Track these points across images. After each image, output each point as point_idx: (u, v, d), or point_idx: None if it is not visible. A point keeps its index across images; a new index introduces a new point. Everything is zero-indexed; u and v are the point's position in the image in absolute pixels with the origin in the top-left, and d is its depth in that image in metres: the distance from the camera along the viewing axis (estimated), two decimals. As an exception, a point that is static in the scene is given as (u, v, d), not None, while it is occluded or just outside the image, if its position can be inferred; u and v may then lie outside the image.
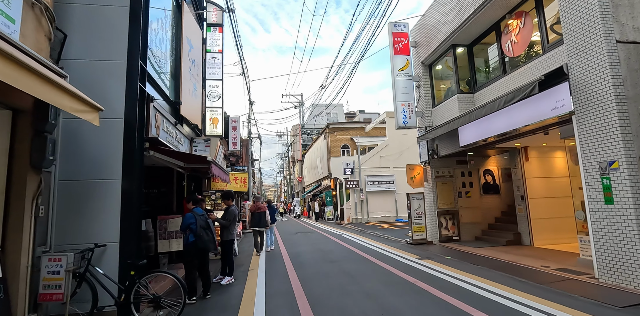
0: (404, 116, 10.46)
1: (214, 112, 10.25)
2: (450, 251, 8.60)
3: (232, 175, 10.21)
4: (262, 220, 9.11)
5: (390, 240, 11.47)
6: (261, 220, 9.11)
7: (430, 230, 10.22)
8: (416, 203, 10.19)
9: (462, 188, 10.39)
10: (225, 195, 6.54)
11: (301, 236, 13.89)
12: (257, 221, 9.14)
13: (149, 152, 5.27)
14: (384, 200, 21.14)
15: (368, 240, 11.72)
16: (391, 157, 21.83)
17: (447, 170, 10.35)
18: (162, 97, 6.37)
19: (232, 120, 17.03)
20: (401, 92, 10.58)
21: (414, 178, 10.46)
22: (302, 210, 34.31)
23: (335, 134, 26.30)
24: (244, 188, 10.24)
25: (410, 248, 9.34)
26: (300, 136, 38.17)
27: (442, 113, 9.91)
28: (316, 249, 9.84)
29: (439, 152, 10.13)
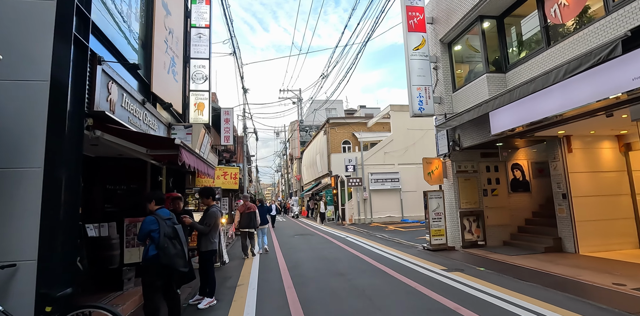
0: (419, 102, 9.04)
1: (199, 96, 8.80)
2: (479, 260, 7.19)
3: (221, 169, 8.78)
4: (252, 221, 8.60)
5: (402, 245, 10.06)
6: (251, 221, 8.59)
7: (451, 234, 8.81)
8: (435, 203, 8.77)
9: (487, 185, 8.98)
10: (204, 192, 5.09)
11: (300, 239, 12.45)
12: (247, 222, 8.60)
13: (95, 132, 3.82)
14: (389, 199, 19.74)
15: (377, 244, 10.30)
16: (396, 153, 20.43)
17: (471, 164, 8.94)
18: (124, 65, 4.92)
19: (225, 111, 15.57)
20: (416, 74, 9.15)
21: (431, 173, 9.05)
22: (301, 210, 32.88)
23: (336, 129, 24.86)
24: (234, 185, 8.81)
25: (430, 256, 7.93)
26: (299, 132, 36.70)
27: (466, 97, 8.49)
28: (318, 256, 8.41)
29: (462, 143, 8.72)
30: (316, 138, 28.40)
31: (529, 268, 6.17)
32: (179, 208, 5.43)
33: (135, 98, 5.13)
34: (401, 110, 20.98)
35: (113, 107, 4.31)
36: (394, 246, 9.66)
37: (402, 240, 11.08)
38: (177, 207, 5.40)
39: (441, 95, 9.35)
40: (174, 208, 5.37)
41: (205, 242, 4.85)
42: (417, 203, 19.92)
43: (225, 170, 8.78)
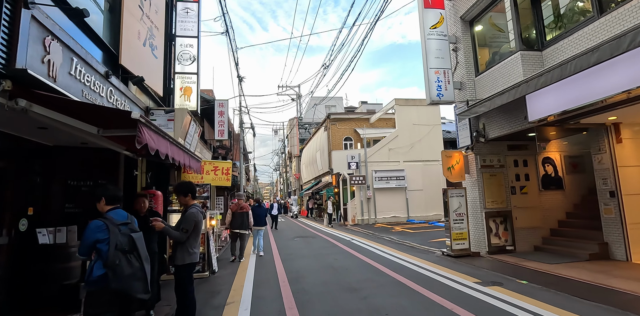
0: (438, 87, 7.93)
1: (186, 80, 7.67)
2: (514, 269, 6.08)
3: (211, 164, 7.63)
4: (244, 222, 8.11)
5: (416, 249, 8.95)
6: (243, 222, 8.11)
7: (475, 238, 7.70)
8: (456, 202, 7.66)
9: (515, 181, 7.87)
10: (180, 189, 3.94)
11: (301, 242, 11.33)
12: (239, 222, 8.10)
13: (17, 101, 2.69)
14: (394, 198, 18.64)
15: (387, 248, 9.19)
16: (401, 150, 19.33)
17: (497, 158, 7.83)
18: (76, 23, 3.78)
19: (219, 103, 14.44)
20: (434, 56, 8.04)
21: (451, 168, 7.93)
22: (300, 210, 31.76)
23: (337, 125, 23.74)
24: (226, 181, 7.67)
25: (453, 263, 6.83)
26: (298, 130, 35.58)
27: (493, 80, 7.38)
28: (323, 264, 7.28)
29: (487, 133, 7.61)
30: (316, 135, 27.27)
31: (581, 281, 5.06)
32: (142, 209, 4.30)
33: (94, 68, 3.99)
34: (406, 105, 19.90)
35: (54, 73, 3.17)
36: (407, 251, 8.55)
37: (414, 243, 9.97)
38: (140, 207, 4.27)
39: (462, 79, 8.24)
40: (137, 208, 4.25)
41: (182, 253, 3.71)
42: (423, 203, 18.86)
43: (216, 165, 7.64)
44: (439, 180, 19.37)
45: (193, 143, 7.39)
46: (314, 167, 27.93)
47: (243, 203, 8.43)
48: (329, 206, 17.80)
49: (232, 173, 21.37)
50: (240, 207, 8.27)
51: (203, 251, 6.83)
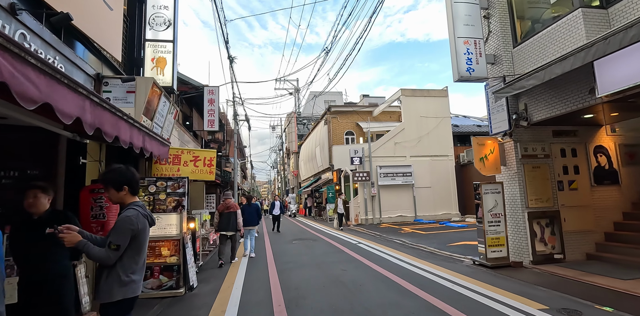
0: (467, 60, 6.51)
1: (159, 49, 6.21)
2: (579, 287, 4.68)
3: (190, 152, 6.16)
4: (231, 222, 7.52)
5: (436, 255, 7.55)
6: (230, 222, 7.51)
7: (516, 244, 6.29)
8: (491, 200, 6.25)
9: (563, 175, 6.46)
10: (109, 178, 2.42)
11: (300, 246, 9.90)
12: (226, 223, 7.51)
13: None
14: (400, 196, 17.24)
15: (402, 254, 7.77)
16: (408, 144, 17.92)
17: (540, 146, 6.41)
18: None
19: (209, 90, 12.97)
20: (462, 22, 6.64)
21: (484, 159, 6.51)
22: (298, 208, 30.35)
23: (338, 119, 22.29)
24: (209, 174, 6.24)
25: (494, 277, 5.42)
26: (296, 125, 34.11)
27: (540, 49, 5.95)
28: (329, 277, 5.85)
29: (530, 115, 6.19)
30: (316, 130, 25.82)
31: (690, 308, 3.67)
32: (33, 208, 2.80)
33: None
34: (413, 95, 18.48)
35: None
36: (428, 259, 7.14)
37: (431, 247, 8.58)
38: (30, 206, 2.79)
39: (495, 52, 6.81)
40: (26, 207, 2.80)
41: (110, 284, 2.24)
42: (432, 201, 17.48)
43: (197, 154, 6.18)
44: (448, 176, 18.02)
45: (167, 126, 5.94)
46: (313, 164, 26.49)
47: (230, 202, 7.71)
48: (339, 204, 14.98)
49: (225, 169, 19.84)
50: (227, 206, 7.62)
51: (178, 262, 5.41)
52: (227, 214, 7.52)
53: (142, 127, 3.34)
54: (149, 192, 5.48)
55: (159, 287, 5.25)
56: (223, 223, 7.51)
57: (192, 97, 13.72)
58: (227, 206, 7.59)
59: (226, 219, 7.48)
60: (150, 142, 3.60)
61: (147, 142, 3.46)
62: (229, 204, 7.61)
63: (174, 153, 6.04)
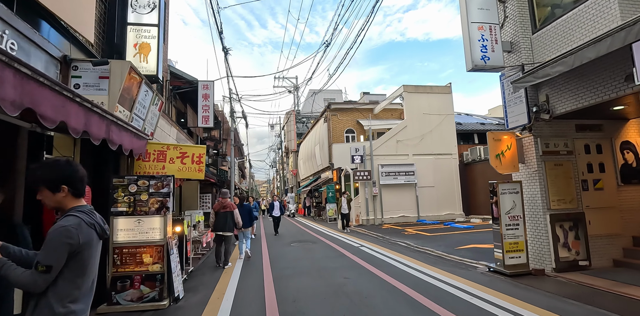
0: (482, 48, 5.94)
1: (142, 34, 5.62)
2: (616, 301, 4.11)
3: (176, 148, 5.55)
4: (227, 222, 7.21)
5: (446, 260, 6.98)
6: (227, 222, 7.20)
7: (536, 249, 5.72)
8: (509, 200, 5.67)
9: (587, 173, 5.89)
10: (42, 173, 1.80)
11: (299, 249, 9.31)
12: (222, 223, 7.19)
13: None
14: (402, 196, 16.67)
15: (408, 259, 7.20)
16: (410, 142, 17.34)
17: (563, 142, 5.84)
18: None
19: (204, 85, 12.38)
20: (476, 6, 6.08)
21: (501, 156, 5.93)
22: (297, 208, 29.80)
23: (338, 116, 21.70)
24: (197, 173, 5.64)
25: (515, 288, 4.85)
26: (295, 123, 33.51)
27: (565, 33, 5.37)
28: (332, 288, 5.27)
29: (553, 107, 5.61)
30: (315, 128, 25.23)
31: None
32: None
33: None
34: (416, 92, 17.90)
35: None
36: (437, 264, 6.56)
37: (439, 251, 8.01)
38: None
39: (512, 39, 6.23)
40: None
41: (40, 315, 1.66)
42: (435, 201, 16.91)
43: (184, 150, 5.58)
44: (452, 175, 17.45)
45: (151, 119, 5.34)
46: (312, 162, 25.92)
47: (227, 201, 7.39)
48: (342, 204, 13.81)
49: (221, 168, 19.24)
50: (223, 205, 7.30)
51: (161, 270, 4.83)
52: (224, 214, 7.20)
53: (106, 113, 2.75)
54: (129, 192, 4.89)
55: (139, 299, 4.67)
56: (219, 223, 7.20)
57: (186, 93, 13.13)
58: (223, 205, 7.26)
59: (222, 219, 7.18)
60: (119, 133, 3.01)
61: (114, 132, 2.87)
62: (225, 203, 7.28)
63: (159, 149, 5.45)
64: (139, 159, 5.38)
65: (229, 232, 7.23)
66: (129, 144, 3.27)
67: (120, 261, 4.80)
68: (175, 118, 13.21)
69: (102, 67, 3.99)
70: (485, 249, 8.11)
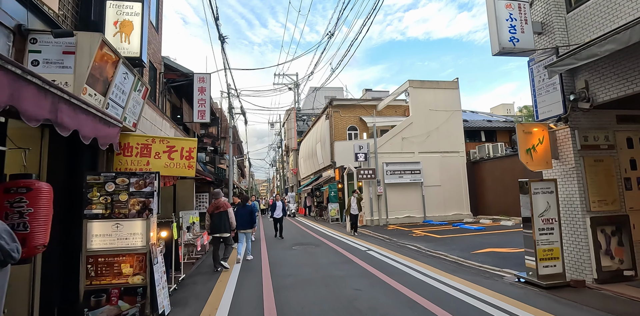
0: (511, 28, 5.25)
1: (124, 10, 4.94)
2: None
3: (162, 141, 4.84)
4: (223, 222, 6.88)
5: (465, 267, 6.29)
6: (222, 223, 6.88)
7: (574, 257, 5.03)
8: (542, 201, 4.98)
9: (630, 170, 5.20)
10: None
11: (301, 253, 8.63)
12: (217, 224, 6.88)
13: None
14: (408, 196, 15.97)
15: (423, 265, 6.51)
16: (416, 139, 16.64)
17: (603, 135, 5.14)
18: None
19: (199, 78, 11.68)
20: (503, -18, 5.36)
21: (532, 150, 5.23)
22: (298, 208, 29.14)
23: (340, 113, 21.00)
24: (187, 169, 4.94)
25: (555, 303, 4.16)
26: (295, 121, 32.80)
27: (609, 10, 4.67)
28: (341, 302, 4.57)
29: (593, 95, 4.91)
30: (316, 125, 24.53)
31: None
32: None
33: None
34: (422, 87, 17.19)
35: None
36: (457, 272, 5.87)
37: (454, 256, 7.34)
38: None
39: (543, 19, 5.53)
40: None
41: None
42: (442, 201, 16.22)
43: (172, 144, 4.88)
44: (459, 174, 16.76)
45: (133, 108, 4.64)
46: (313, 161, 25.22)
47: (220, 201, 7.04)
48: (352, 204, 12.07)
49: (219, 166, 18.51)
50: (217, 206, 6.99)
51: (143, 282, 4.14)
52: (218, 214, 6.91)
53: (52, 86, 2.05)
54: (105, 191, 4.19)
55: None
56: (215, 224, 6.92)
57: (181, 87, 12.42)
58: (216, 206, 6.98)
59: (217, 220, 6.88)
60: (74, 115, 2.31)
61: (66, 113, 2.17)
62: (218, 204, 6.99)
63: (142, 142, 4.75)
64: (120, 154, 4.68)
65: (226, 232, 6.91)
66: (91, 131, 2.58)
67: (95, 273, 4.10)
68: (171, 114, 12.51)
69: (66, 40, 3.28)
70: (504, 254, 7.42)
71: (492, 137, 21.27)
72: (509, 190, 15.01)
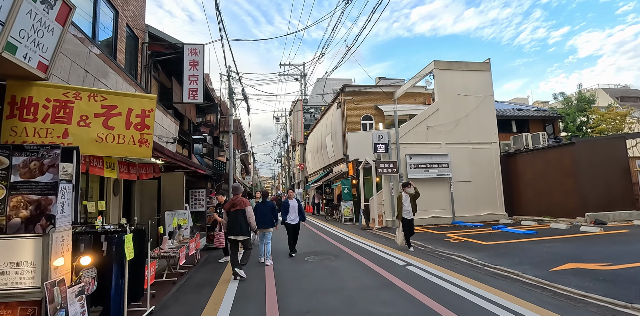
0: None
1: None
2: None
3: (94, 96, 2.86)
4: (239, 223, 5.84)
5: (569, 298, 4.20)
6: (238, 223, 5.83)
7: None
8: None
9: None
10: None
11: (319, 269, 6.57)
12: (232, 225, 5.87)
13: None
14: (434, 193, 13.82)
15: (499, 294, 4.44)
16: (443, 128, 14.49)
17: None
18: None
19: (191, 49, 9.65)
20: None
21: None
22: (305, 206, 27.11)
23: (354, 101, 18.88)
24: (138, 148, 2.88)
25: None
26: (302, 113, 30.72)
27: None
28: None
29: None
30: (326, 115, 22.43)
31: None
32: None
33: None
34: (449, 69, 15.01)
35: None
36: (563, 310, 3.79)
37: (529, 274, 5.29)
38: None
39: None
40: None
41: None
42: (472, 199, 14.06)
43: (112, 102, 2.85)
44: (492, 168, 14.57)
45: (36, 35, 2.60)
46: (322, 155, 23.15)
47: (238, 198, 6.11)
48: (403, 204, 8.15)
49: (218, 158, 16.46)
50: (233, 203, 6.05)
51: None
52: (234, 213, 5.96)
53: None
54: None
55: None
56: (230, 224, 5.97)
57: (172, 63, 10.39)
58: (232, 203, 6.03)
59: (233, 219, 5.93)
60: None
61: None
62: (235, 200, 6.04)
63: (58, 96, 2.71)
64: (14, 117, 2.64)
65: (243, 235, 5.89)
66: None
67: None
68: (159, 97, 10.51)
69: None
70: (601, 273, 5.33)
71: (523, 127, 19.02)
72: (555, 186, 12.84)
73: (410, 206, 8.18)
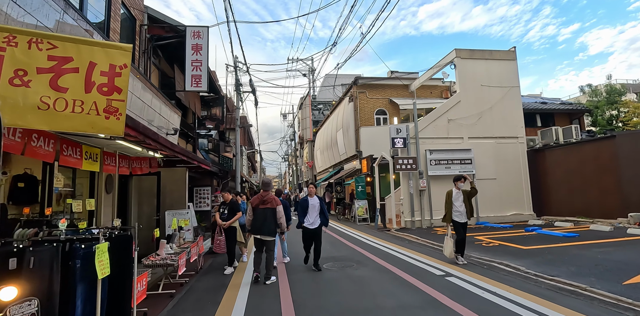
0: None
1: None
2: None
3: (37, 40, 2.00)
4: (267, 222, 5.42)
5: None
6: (265, 223, 5.42)
7: None
8: None
9: None
10: None
11: (342, 282, 5.62)
12: (259, 223, 5.44)
13: None
14: (456, 191, 12.75)
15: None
16: (465, 122, 13.43)
17: None
18: None
19: (193, 32, 8.75)
20: None
21: None
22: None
23: (367, 94, 17.90)
24: (103, 118, 1.96)
25: None
26: (311, 109, 29.78)
27: None
28: None
29: None
30: (337, 110, 21.45)
31: None
32: None
33: None
34: (471, 58, 13.92)
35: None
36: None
37: (601, 289, 4.31)
38: None
39: None
40: None
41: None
42: (497, 197, 12.98)
43: (66, 53, 1.93)
44: (519, 164, 13.48)
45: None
46: (333, 151, 22.20)
47: (269, 195, 5.62)
48: (455, 203, 6.51)
49: (224, 154, 15.63)
50: (263, 200, 5.54)
51: None
52: (262, 211, 5.48)
53: None
54: None
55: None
56: (256, 223, 5.49)
57: (174, 50, 9.52)
58: (263, 200, 5.54)
59: (260, 218, 5.46)
60: None
61: None
62: (266, 197, 5.55)
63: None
64: None
65: (269, 235, 5.47)
66: None
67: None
68: (159, 85, 9.63)
69: None
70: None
71: (548, 121, 17.85)
72: (591, 184, 11.73)
73: (463, 206, 6.42)
